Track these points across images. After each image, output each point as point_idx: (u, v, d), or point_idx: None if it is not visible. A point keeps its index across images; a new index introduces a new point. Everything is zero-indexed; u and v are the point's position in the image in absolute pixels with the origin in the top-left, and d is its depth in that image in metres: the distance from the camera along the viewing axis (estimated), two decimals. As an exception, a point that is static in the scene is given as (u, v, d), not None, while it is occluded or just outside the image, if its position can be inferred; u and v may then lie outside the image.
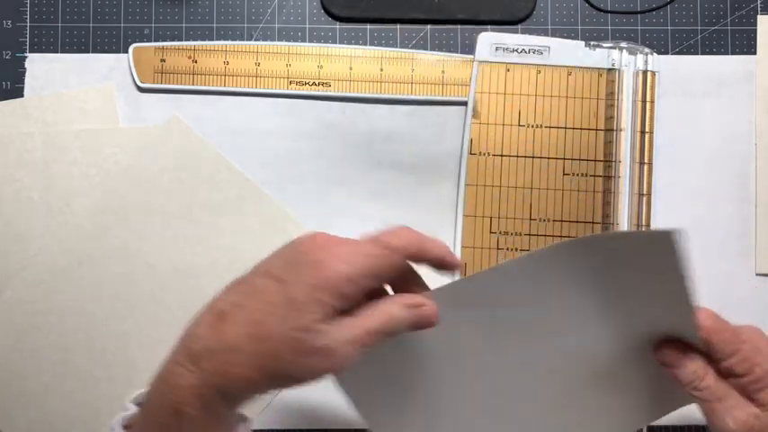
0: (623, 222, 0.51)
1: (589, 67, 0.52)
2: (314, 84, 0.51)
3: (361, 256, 0.31)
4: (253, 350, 0.30)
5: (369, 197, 0.52)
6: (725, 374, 0.37)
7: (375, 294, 0.33)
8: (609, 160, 0.51)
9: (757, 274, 0.52)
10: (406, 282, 0.35)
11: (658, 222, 0.52)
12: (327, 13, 0.53)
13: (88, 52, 0.52)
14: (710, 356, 0.37)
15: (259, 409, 0.51)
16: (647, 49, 0.52)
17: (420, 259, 0.34)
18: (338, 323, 0.31)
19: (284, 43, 0.52)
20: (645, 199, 0.51)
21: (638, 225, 0.51)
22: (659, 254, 0.33)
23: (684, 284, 0.34)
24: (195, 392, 0.30)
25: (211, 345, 0.31)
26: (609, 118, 0.51)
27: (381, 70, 0.52)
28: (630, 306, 0.37)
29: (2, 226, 0.50)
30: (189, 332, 0.32)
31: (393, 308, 0.33)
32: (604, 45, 0.52)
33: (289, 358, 0.30)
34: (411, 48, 0.53)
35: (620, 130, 0.51)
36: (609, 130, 0.51)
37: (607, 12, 0.53)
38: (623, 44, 0.52)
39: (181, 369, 0.31)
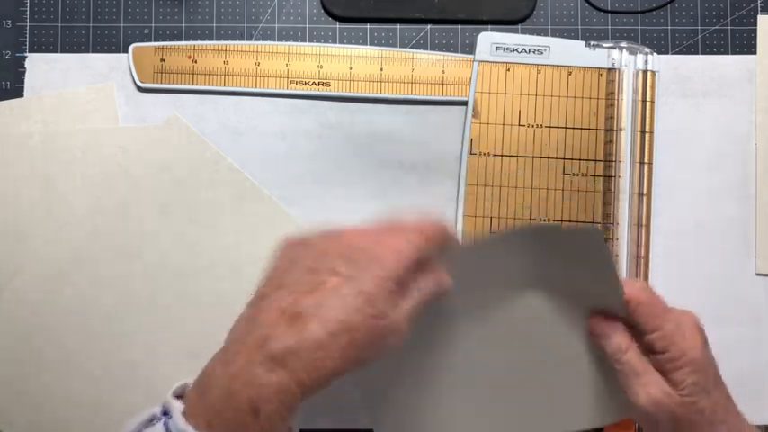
0: (623, 222, 0.51)
1: (589, 67, 0.52)
2: (314, 84, 0.51)
3: (409, 247, 0.36)
4: (337, 345, 0.33)
5: (369, 197, 0.52)
6: (647, 350, 0.39)
7: None
8: (609, 160, 0.51)
9: (757, 274, 0.52)
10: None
11: (659, 222, 0.52)
12: (327, 12, 0.53)
13: (88, 52, 0.52)
14: (636, 330, 0.40)
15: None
16: (647, 49, 0.52)
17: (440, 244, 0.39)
18: (399, 304, 0.35)
19: (284, 43, 0.52)
20: (645, 199, 0.51)
21: (638, 225, 0.51)
22: (587, 245, 0.39)
23: (609, 266, 0.39)
24: (279, 390, 0.32)
25: (294, 345, 0.32)
26: (609, 118, 0.51)
27: (381, 70, 0.52)
28: (568, 287, 0.42)
29: (2, 226, 0.50)
30: (257, 334, 0.33)
31: (429, 284, 0.37)
32: (604, 45, 0.52)
33: (369, 344, 0.34)
34: (411, 48, 0.53)
35: (620, 129, 0.51)
36: (609, 130, 0.51)
37: (607, 12, 0.53)
38: (623, 44, 0.52)
39: (260, 369, 0.32)
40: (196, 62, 0.51)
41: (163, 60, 0.51)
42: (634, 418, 0.41)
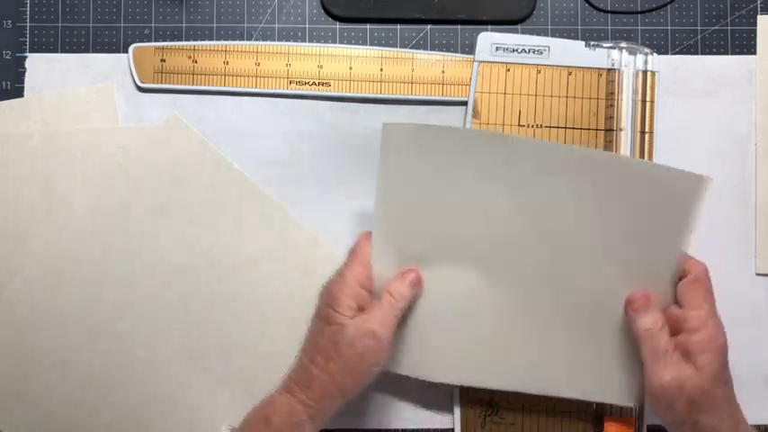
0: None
1: (589, 67, 0.52)
2: (314, 84, 0.51)
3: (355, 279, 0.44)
4: (327, 374, 0.42)
5: (369, 197, 0.52)
6: (675, 332, 0.41)
7: None
8: (609, 160, 0.51)
9: (757, 274, 0.52)
10: None
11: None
12: (327, 13, 0.53)
13: (88, 52, 0.52)
14: (677, 303, 0.42)
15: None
16: (647, 49, 0.52)
17: None
18: (366, 314, 0.42)
19: (284, 43, 0.52)
20: (645, 199, 0.51)
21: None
22: (680, 194, 0.40)
23: (687, 229, 0.40)
24: (286, 406, 0.42)
25: (297, 379, 0.43)
26: (609, 118, 0.51)
27: (381, 70, 0.52)
28: (626, 233, 0.42)
29: (2, 226, 0.50)
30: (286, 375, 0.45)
31: (402, 290, 0.44)
32: (604, 45, 0.52)
33: (350, 364, 0.41)
34: (411, 48, 0.53)
35: (620, 130, 0.51)
36: (609, 130, 0.51)
37: (607, 12, 0.53)
38: (623, 44, 0.52)
39: (276, 392, 0.43)
40: (196, 62, 0.51)
41: (163, 60, 0.51)
42: (648, 398, 0.41)
